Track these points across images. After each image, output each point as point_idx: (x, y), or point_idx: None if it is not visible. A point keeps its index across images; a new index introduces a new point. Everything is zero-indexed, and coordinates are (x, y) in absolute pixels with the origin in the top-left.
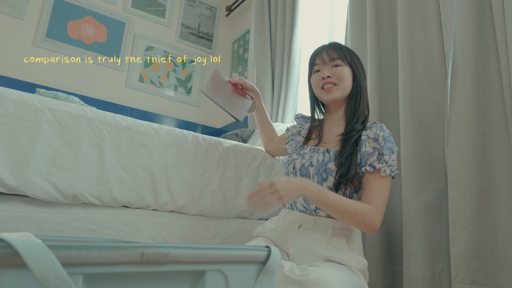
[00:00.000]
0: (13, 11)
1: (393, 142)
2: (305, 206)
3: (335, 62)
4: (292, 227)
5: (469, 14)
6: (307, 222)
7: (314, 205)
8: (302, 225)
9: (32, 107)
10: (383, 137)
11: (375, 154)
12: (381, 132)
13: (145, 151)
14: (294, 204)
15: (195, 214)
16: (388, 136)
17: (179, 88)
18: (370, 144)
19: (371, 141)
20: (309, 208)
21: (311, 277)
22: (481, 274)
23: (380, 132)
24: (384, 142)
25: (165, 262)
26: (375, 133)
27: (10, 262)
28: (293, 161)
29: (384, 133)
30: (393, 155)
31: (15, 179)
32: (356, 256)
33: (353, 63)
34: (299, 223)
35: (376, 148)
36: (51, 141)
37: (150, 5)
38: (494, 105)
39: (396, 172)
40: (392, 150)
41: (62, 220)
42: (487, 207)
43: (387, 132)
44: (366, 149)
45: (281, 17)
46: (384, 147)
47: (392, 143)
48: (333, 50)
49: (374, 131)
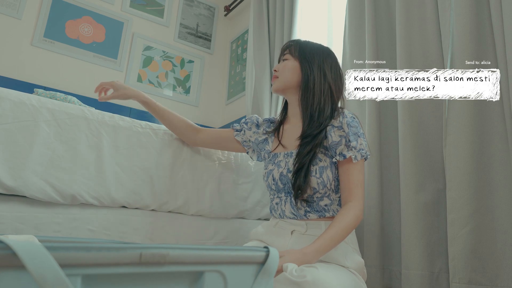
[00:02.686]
0: (10, 11)
1: (357, 126)
2: (294, 213)
3: (284, 57)
4: (285, 233)
5: (467, 14)
6: (300, 228)
7: (303, 210)
8: (295, 230)
9: (30, 107)
10: (346, 123)
11: (342, 142)
12: (344, 119)
13: (143, 151)
14: (283, 213)
15: (193, 214)
16: (352, 121)
17: (178, 88)
18: (336, 133)
19: (336, 130)
20: (299, 214)
21: (309, 278)
22: (479, 273)
23: (343, 119)
24: (348, 128)
25: (164, 262)
26: (339, 121)
27: (7, 263)
28: (270, 172)
29: (347, 119)
30: (360, 139)
31: (13, 179)
32: (351, 255)
33: (303, 57)
34: (292, 229)
35: (342, 135)
36: (49, 141)
37: (148, 4)
38: (492, 105)
39: (367, 155)
40: (357, 134)
41: (60, 220)
42: (485, 207)
43: (350, 117)
44: (333, 138)
45: (279, 17)
46: (349, 133)
47: (356, 127)
48: (288, 48)
49: (338, 119)
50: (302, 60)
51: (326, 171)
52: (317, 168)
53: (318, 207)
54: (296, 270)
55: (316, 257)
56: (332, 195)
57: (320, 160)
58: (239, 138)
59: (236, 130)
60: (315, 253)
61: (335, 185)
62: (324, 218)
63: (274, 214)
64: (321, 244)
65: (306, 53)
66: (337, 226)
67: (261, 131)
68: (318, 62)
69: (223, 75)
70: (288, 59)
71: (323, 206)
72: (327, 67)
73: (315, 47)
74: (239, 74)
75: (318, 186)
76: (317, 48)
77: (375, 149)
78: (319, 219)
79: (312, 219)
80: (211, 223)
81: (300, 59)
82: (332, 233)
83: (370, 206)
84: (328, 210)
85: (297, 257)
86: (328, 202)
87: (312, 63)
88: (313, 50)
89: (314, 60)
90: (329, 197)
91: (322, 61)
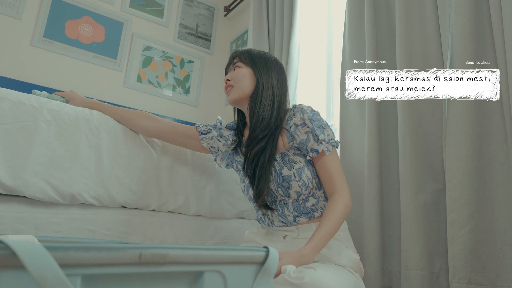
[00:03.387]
0: (10, 11)
1: (319, 119)
2: (283, 221)
3: (236, 65)
4: (277, 238)
5: (467, 14)
6: (291, 232)
7: (292, 216)
8: (287, 235)
9: (29, 107)
10: (308, 118)
11: (310, 138)
12: (305, 115)
13: (143, 152)
14: (271, 222)
15: (193, 214)
16: (313, 115)
17: (177, 88)
18: (301, 131)
19: (301, 127)
20: (288, 220)
21: (307, 279)
22: (479, 273)
23: (304, 115)
24: (311, 122)
25: (163, 262)
26: (300, 118)
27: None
28: (249, 186)
29: (308, 114)
30: (326, 130)
31: (12, 179)
32: (346, 252)
33: (254, 64)
34: (284, 234)
35: (308, 131)
36: (49, 141)
37: (148, 5)
38: (491, 105)
39: (337, 142)
40: (322, 126)
41: (60, 220)
42: (485, 207)
43: (310, 111)
44: (300, 137)
45: (279, 17)
46: (314, 128)
47: (319, 120)
48: (238, 56)
49: (299, 116)
50: (253, 67)
51: (304, 171)
52: (294, 172)
53: (305, 209)
54: (294, 271)
55: (314, 256)
56: (316, 193)
57: (295, 162)
58: (205, 144)
59: (201, 133)
60: (313, 252)
61: (317, 182)
62: (314, 219)
63: (263, 224)
64: (317, 243)
65: (256, 59)
66: (328, 221)
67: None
68: (267, 69)
69: (223, 75)
70: (241, 66)
71: (310, 207)
72: (274, 75)
73: (262, 53)
74: None
75: (301, 188)
76: (263, 55)
77: (375, 149)
78: (309, 222)
79: (302, 222)
80: (210, 223)
81: (251, 66)
82: (326, 229)
83: (370, 206)
84: (316, 209)
85: (295, 258)
86: (314, 201)
87: (261, 69)
88: (262, 57)
89: (264, 67)
90: (314, 196)
91: (271, 68)
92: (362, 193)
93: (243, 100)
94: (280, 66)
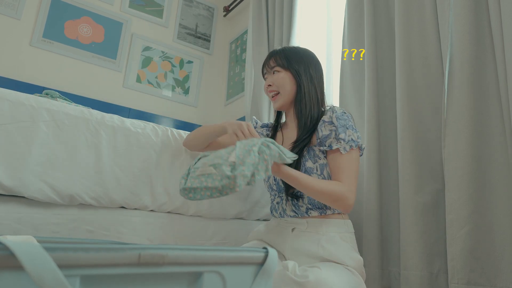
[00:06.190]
0: (9, 11)
1: (346, 119)
2: (295, 210)
3: (275, 69)
4: (285, 230)
5: (466, 15)
6: (300, 225)
7: (305, 207)
8: (295, 228)
9: (28, 108)
10: (336, 117)
11: (332, 135)
12: (334, 114)
13: (142, 152)
14: (284, 212)
15: (192, 215)
16: (341, 115)
17: (177, 89)
18: (326, 127)
19: (327, 124)
20: (300, 211)
21: (311, 278)
22: (478, 274)
23: (333, 114)
24: (337, 121)
25: (162, 263)
26: (329, 117)
27: (6, 264)
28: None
29: (337, 113)
30: (349, 131)
31: (11, 179)
32: (350, 253)
33: (291, 66)
34: (293, 226)
35: (332, 129)
36: (48, 142)
37: (147, 5)
38: (491, 106)
39: (359, 143)
40: (346, 126)
41: (58, 221)
42: (484, 208)
43: (340, 112)
44: (323, 132)
45: (278, 17)
46: (338, 125)
47: (345, 120)
48: (273, 58)
49: (329, 115)
50: (292, 70)
51: (326, 168)
52: (317, 166)
53: (319, 204)
54: (299, 270)
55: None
56: None
57: (319, 158)
58: None
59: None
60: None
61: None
62: (325, 215)
63: (275, 214)
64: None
65: (292, 60)
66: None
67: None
68: (304, 67)
69: (222, 75)
70: (279, 71)
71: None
72: (312, 70)
73: (298, 51)
74: (238, 75)
75: None
76: (298, 52)
77: (374, 150)
78: (320, 217)
79: (313, 216)
80: (210, 223)
81: (290, 68)
82: (310, 179)
83: (369, 207)
84: (329, 206)
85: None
86: None
87: (299, 70)
88: (298, 55)
89: (301, 66)
90: None
91: (308, 65)
92: (361, 193)
93: (289, 104)
94: (315, 59)
